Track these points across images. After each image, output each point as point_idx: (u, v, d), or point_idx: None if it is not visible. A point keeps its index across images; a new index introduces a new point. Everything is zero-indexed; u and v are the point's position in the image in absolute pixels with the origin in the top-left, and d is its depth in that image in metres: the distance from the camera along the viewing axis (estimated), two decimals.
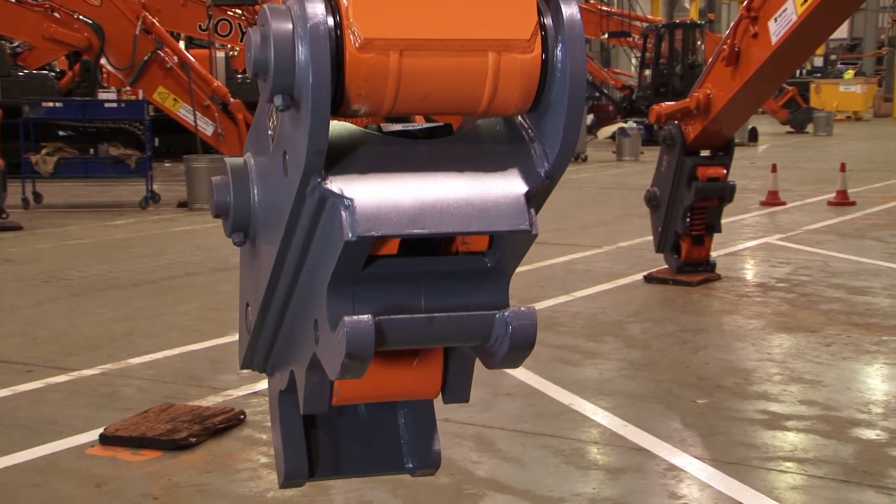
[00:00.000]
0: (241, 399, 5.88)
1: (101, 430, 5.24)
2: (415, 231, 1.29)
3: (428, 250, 1.43)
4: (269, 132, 1.45)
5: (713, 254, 9.63)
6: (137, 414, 5.50)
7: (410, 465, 1.70)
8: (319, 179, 1.29)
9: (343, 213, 1.28)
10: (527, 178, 1.35)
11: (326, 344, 1.36)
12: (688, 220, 9.26)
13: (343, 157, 1.32)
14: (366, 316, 1.29)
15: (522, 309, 1.37)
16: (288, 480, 1.68)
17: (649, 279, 9.43)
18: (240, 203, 1.53)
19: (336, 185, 1.30)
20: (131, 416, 5.46)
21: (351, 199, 1.28)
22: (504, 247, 1.38)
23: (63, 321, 8.01)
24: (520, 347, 1.37)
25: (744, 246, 11.56)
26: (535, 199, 1.35)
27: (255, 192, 1.52)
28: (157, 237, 12.71)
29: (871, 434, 5.34)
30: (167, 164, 21.02)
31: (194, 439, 5.15)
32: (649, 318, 8.16)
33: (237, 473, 4.80)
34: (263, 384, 4.49)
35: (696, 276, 9.35)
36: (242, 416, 5.50)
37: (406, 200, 1.30)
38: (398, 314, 1.35)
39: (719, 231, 9.47)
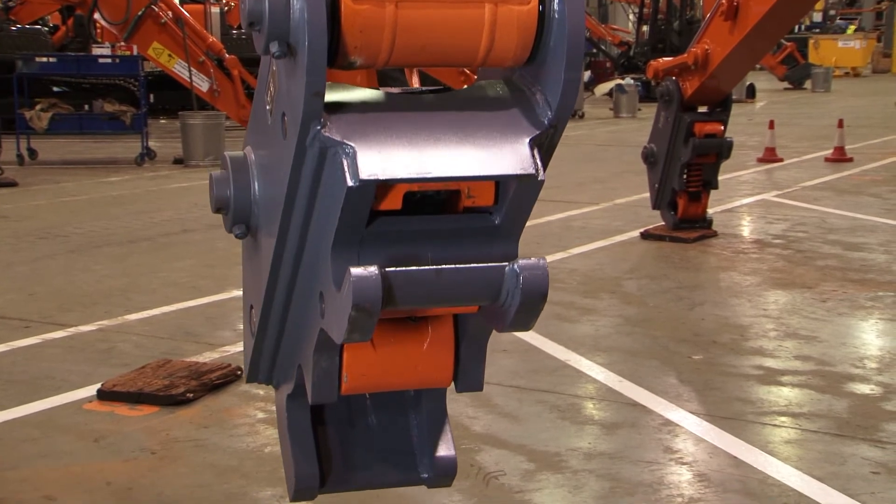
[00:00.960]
0: (238, 355, 5.90)
1: (98, 386, 5.26)
2: (419, 175, 1.26)
3: (432, 210, 1.39)
4: (267, 106, 1.43)
5: (710, 210, 9.63)
6: (135, 370, 5.52)
7: (426, 476, 1.65)
8: (319, 127, 1.27)
9: (344, 159, 1.26)
10: (531, 125, 1.33)
11: (333, 307, 1.33)
12: (685, 176, 9.24)
13: (343, 108, 1.30)
14: (371, 266, 1.27)
15: (533, 260, 1.34)
16: (299, 491, 1.61)
17: (646, 236, 9.43)
18: (240, 196, 1.50)
19: (336, 132, 1.27)
20: (129, 372, 5.48)
21: (352, 146, 1.26)
22: (510, 198, 1.34)
23: (60, 277, 8.01)
24: (532, 300, 1.33)
25: (741, 202, 11.55)
26: (540, 147, 1.33)
27: (256, 185, 1.50)
28: (153, 194, 12.68)
29: (865, 389, 5.37)
30: (162, 121, 20.92)
31: (191, 395, 5.17)
32: (645, 274, 8.17)
33: (234, 429, 4.83)
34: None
35: (692, 232, 9.35)
36: (239, 372, 5.52)
37: (409, 146, 1.28)
38: (405, 267, 1.32)
39: (716, 187, 9.46)
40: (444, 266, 1.32)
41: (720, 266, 8.43)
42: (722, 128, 9.19)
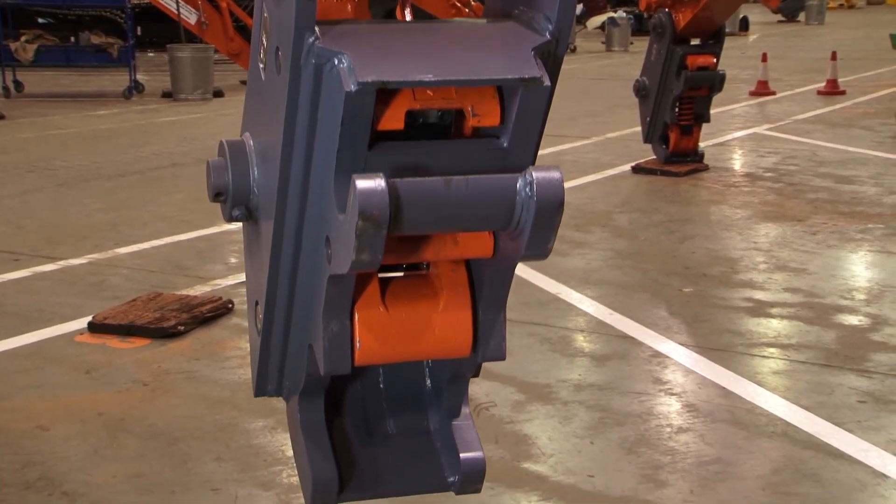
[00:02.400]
0: (228, 288, 5.90)
1: (89, 318, 5.26)
2: (420, 78, 1.22)
3: (435, 136, 1.35)
4: (261, 64, 1.40)
5: (701, 144, 9.60)
6: (125, 303, 5.52)
7: (452, 479, 1.55)
8: (313, 38, 1.23)
9: (341, 67, 1.21)
10: (532, 35, 1.29)
11: (338, 236, 1.27)
12: (676, 109, 9.20)
13: (337, 23, 1.27)
14: (377, 175, 1.21)
15: (545, 167, 1.27)
16: (317, 498, 1.50)
17: (637, 170, 9.41)
18: (239, 179, 1.45)
19: (331, 42, 1.23)
20: (119, 305, 5.48)
21: (349, 53, 1.21)
22: (517, 112, 1.29)
23: (48, 211, 7.98)
24: (548, 210, 1.25)
25: (732, 136, 11.52)
26: (544, 60, 1.30)
27: (255, 170, 1.45)
28: (142, 128, 12.59)
29: (853, 320, 5.40)
30: (150, 54, 20.69)
31: (182, 328, 5.18)
32: (636, 208, 8.16)
33: (226, 361, 4.84)
34: None
35: (683, 166, 9.33)
36: (230, 305, 5.52)
37: (408, 54, 1.24)
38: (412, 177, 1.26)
39: (708, 121, 9.42)
40: (452, 177, 1.26)
41: (711, 199, 8.43)
42: (714, 60, 9.13)
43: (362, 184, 1.18)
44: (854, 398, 4.37)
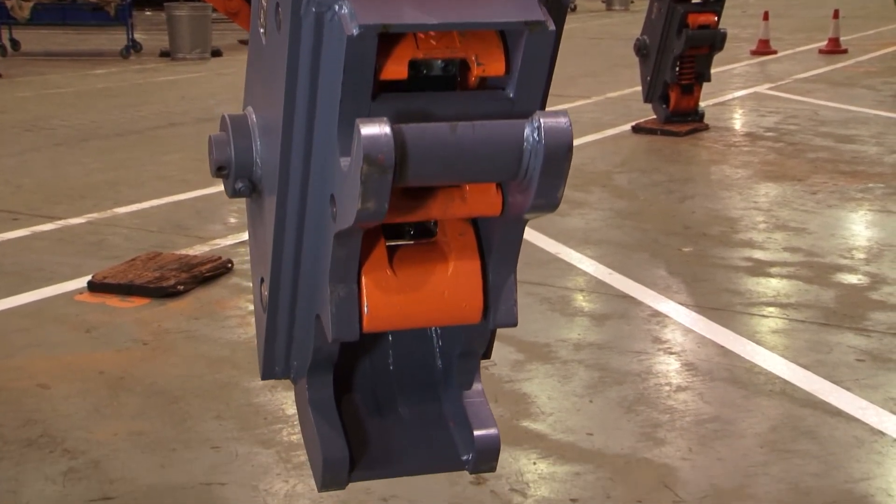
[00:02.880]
0: (228, 248, 5.90)
1: (89, 278, 5.26)
2: (422, 22, 1.20)
3: (439, 89, 1.33)
4: (261, 29, 1.37)
5: (702, 103, 9.56)
6: (125, 262, 5.52)
7: (466, 457, 1.51)
8: None
9: (343, 12, 1.20)
10: None
11: (342, 186, 1.25)
12: (677, 69, 9.15)
13: None
14: (380, 118, 1.18)
15: (552, 111, 1.25)
16: (327, 477, 1.46)
17: (637, 129, 9.37)
18: (241, 153, 1.43)
19: None
20: (119, 264, 5.48)
21: (348, 1, 1.20)
22: (522, 59, 1.27)
23: (47, 170, 7.95)
24: (557, 154, 1.23)
25: (733, 95, 11.46)
26: (548, 6, 1.27)
27: (258, 144, 1.43)
28: (140, 87, 12.52)
29: (852, 279, 5.40)
30: (148, 13, 20.55)
31: (182, 287, 5.18)
32: (636, 168, 8.14)
33: (225, 320, 4.85)
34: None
35: (684, 125, 9.30)
36: (230, 265, 5.52)
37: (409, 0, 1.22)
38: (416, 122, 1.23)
39: (709, 80, 9.37)
40: (459, 122, 1.23)
41: (711, 159, 8.41)
42: (716, 19, 9.07)
43: (366, 128, 1.16)
44: (852, 356, 4.38)
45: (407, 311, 1.37)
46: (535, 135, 1.24)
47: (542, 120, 1.23)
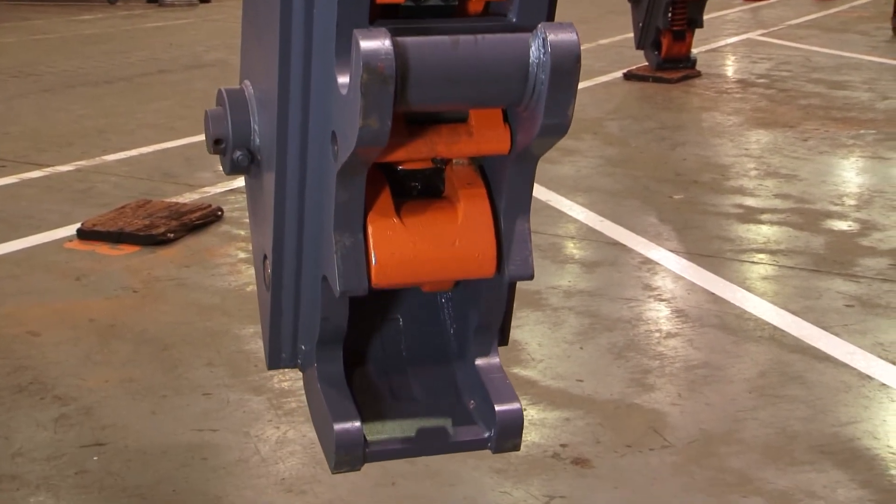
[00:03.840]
0: (218, 196, 5.87)
1: (78, 225, 5.24)
2: None
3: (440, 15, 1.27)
4: None
5: (694, 50, 9.49)
6: (114, 210, 5.49)
7: (488, 434, 1.42)
8: None
9: None
10: None
11: (342, 109, 1.19)
12: (669, 15, 9.07)
13: None
14: (379, 29, 1.14)
15: (558, 24, 1.20)
16: (340, 455, 1.36)
17: (629, 76, 9.32)
18: (239, 126, 1.40)
19: None
20: (108, 212, 5.45)
21: None
22: None
23: (34, 117, 7.89)
24: (564, 64, 1.17)
25: (725, 42, 11.39)
26: None
27: (256, 118, 1.39)
28: (128, 33, 12.39)
29: (842, 225, 5.41)
30: None
31: (172, 235, 5.16)
32: (628, 115, 8.11)
33: (216, 268, 4.84)
34: (240, 181, 4.37)
35: (676, 72, 9.25)
36: (220, 213, 5.50)
37: None
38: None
39: (701, 26, 9.30)
40: (461, 36, 1.17)
41: (703, 106, 8.37)
42: None
43: (365, 38, 1.11)
44: (841, 302, 4.40)
45: (417, 263, 1.31)
46: (541, 47, 1.18)
47: (547, 32, 1.18)
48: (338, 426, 1.36)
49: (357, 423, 1.37)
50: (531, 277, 1.36)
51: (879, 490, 3.06)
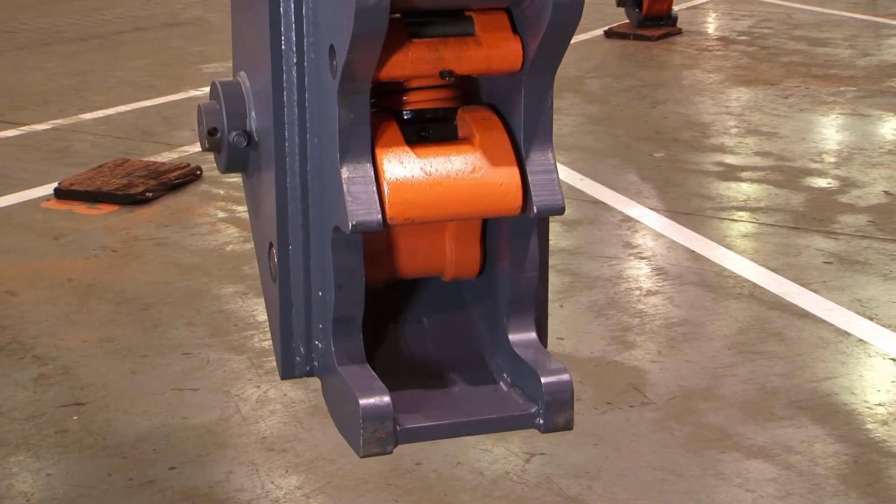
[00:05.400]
0: (196, 155, 5.82)
1: (55, 185, 5.19)
2: None
3: None
4: None
5: (675, 7, 9.44)
6: (92, 169, 5.44)
7: (535, 409, 1.30)
8: None
9: None
10: None
11: (335, 5, 1.15)
12: None
13: None
14: None
15: None
16: (369, 426, 1.22)
17: (609, 34, 9.27)
18: (233, 117, 1.35)
19: None
20: (86, 171, 5.40)
21: None
22: None
23: (9, 75, 7.79)
24: None
25: None
26: None
27: (253, 115, 1.34)
28: None
29: (822, 182, 5.42)
30: None
31: (151, 194, 5.12)
32: (608, 73, 8.08)
33: (195, 227, 4.81)
34: None
35: (656, 30, 9.20)
36: (199, 172, 5.46)
37: None
38: None
39: None
40: None
41: (684, 64, 8.35)
42: None
43: None
44: (820, 259, 4.42)
45: (434, 195, 1.21)
46: None
47: None
48: (364, 400, 1.22)
49: (386, 398, 1.23)
50: (561, 210, 1.26)
51: (856, 444, 3.09)
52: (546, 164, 1.27)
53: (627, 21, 9.35)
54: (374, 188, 1.20)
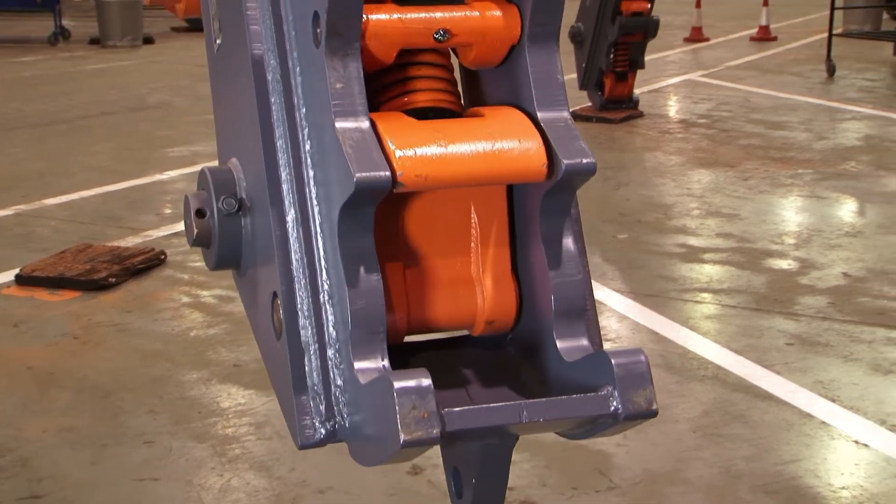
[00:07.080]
0: (161, 239, 5.82)
1: (17, 271, 5.15)
2: None
3: None
4: (217, 41, 1.32)
5: (636, 90, 9.62)
6: (54, 254, 5.41)
7: (605, 392, 1.14)
8: None
9: None
10: None
11: None
12: (611, 56, 9.19)
13: None
14: None
15: None
16: (405, 404, 1.02)
17: (573, 116, 9.40)
18: (220, 177, 1.28)
19: None
20: (48, 257, 5.37)
21: None
22: None
23: None
24: None
25: (667, 82, 11.57)
26: None
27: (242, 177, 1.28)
28: (69, 75, 12.28)
29: (783, 264, 5.49)
30: None
31: (114, 279, 5.10)
32: None
33: (159, 313, 4.78)
34: (181, 226, 4.26)
35: (619, 112, 9.36)
36: (163, 257, 5.45)
37: None
38: None
39: (643, 67, 9.44)
40: None
41: (646, 146, 8.48)
42: (649, 6, 9.12)
43: None
44: (782, 341, 4.45)
45: (448, 154, 1.08)
46: None
47: None
48: (398, 384, 1.01)
49: (425, 378, 1.02)
50: (593, 168, 1.14)
51: None
52: (567, 127, 1.17)
53: (590, 104, 9.51)
54: (378, 142, 1.07)
